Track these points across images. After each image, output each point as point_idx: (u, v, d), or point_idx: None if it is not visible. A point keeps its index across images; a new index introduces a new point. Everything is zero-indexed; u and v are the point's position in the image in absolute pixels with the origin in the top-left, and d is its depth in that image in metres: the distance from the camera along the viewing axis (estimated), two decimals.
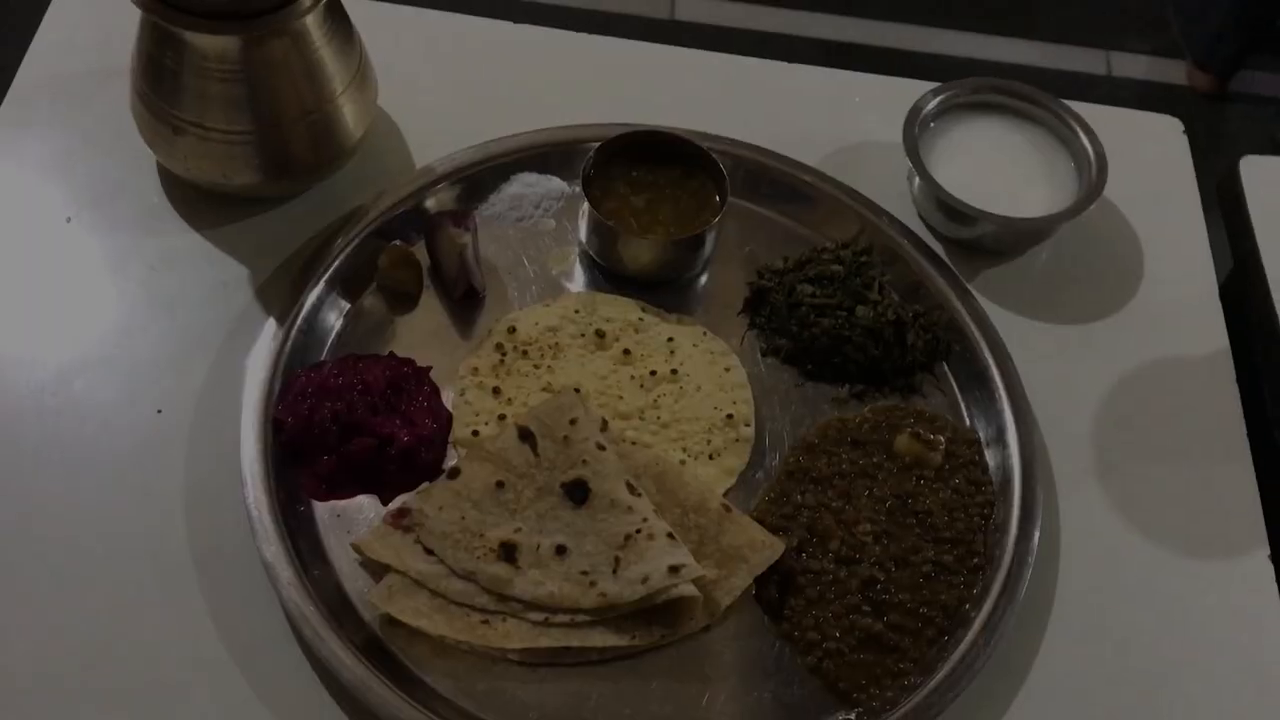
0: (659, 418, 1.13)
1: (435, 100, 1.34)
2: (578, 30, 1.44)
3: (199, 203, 1.23)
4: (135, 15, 1.10)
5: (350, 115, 1.19)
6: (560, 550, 1.02)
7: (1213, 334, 1.26)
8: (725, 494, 1.10)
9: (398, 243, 1.20)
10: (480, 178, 1.26)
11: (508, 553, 1.02)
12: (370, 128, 1.23)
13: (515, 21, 1.43)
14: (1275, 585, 1.11)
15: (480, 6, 1.48)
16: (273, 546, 1.01)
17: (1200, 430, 1.20)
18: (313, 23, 1.12)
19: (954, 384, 1.19)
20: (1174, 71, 3.04)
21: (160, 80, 1.13)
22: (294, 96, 1.14)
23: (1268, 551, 1.13)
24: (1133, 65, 3.07)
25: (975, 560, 1.07)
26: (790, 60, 1.46)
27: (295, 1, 1.08)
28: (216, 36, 1.07)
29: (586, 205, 1.19)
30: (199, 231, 1.22)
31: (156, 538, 1.05)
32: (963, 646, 1.02)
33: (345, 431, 1.06)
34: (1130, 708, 1.04)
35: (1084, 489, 1.15)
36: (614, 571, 1.00)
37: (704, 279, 1.24)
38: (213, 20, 1.06)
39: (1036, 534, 1.08)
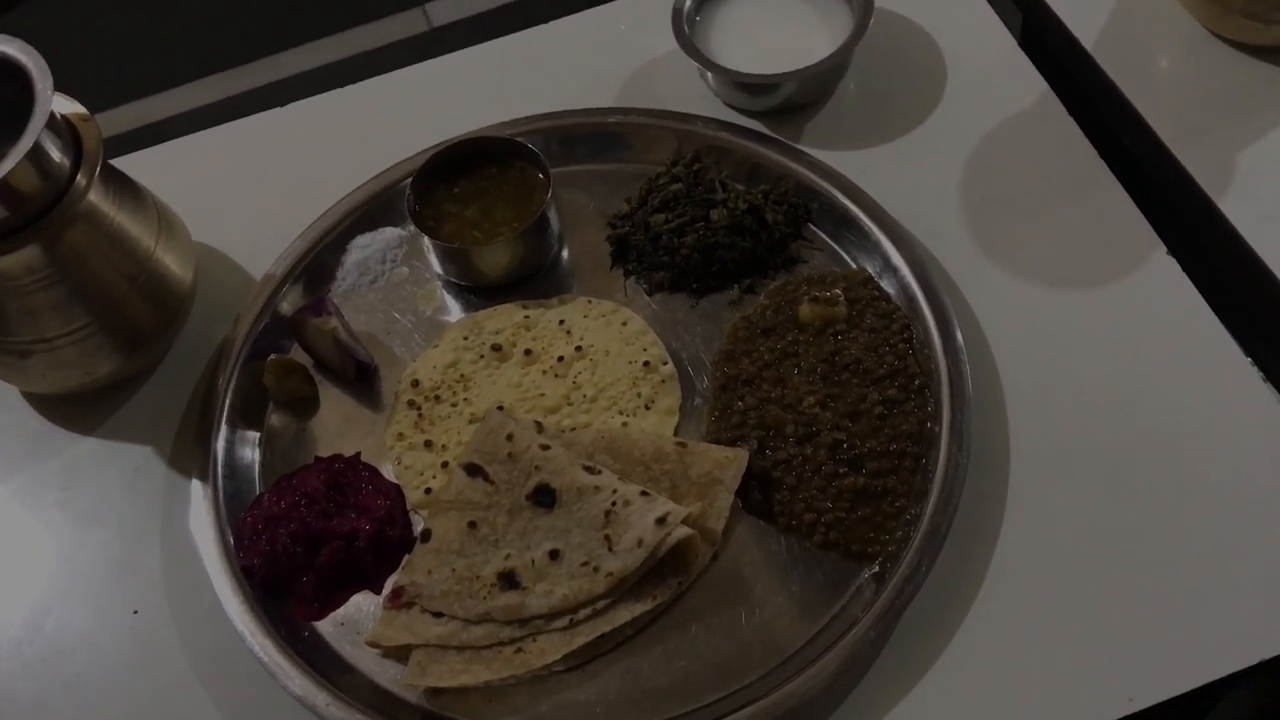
0: (585, 395, 1.15)
1: (243, 213, 1.34)
2: (351, 77, 1.44)
3: (77, 408, 1.23)
4: None
5: (174, 263, 1.20)
6: (554, 555, 1.04)
7: (1030, 83, 1.30)
8: (675, 433, 1.13)
9: (274, 356, 1.20)
10: (318, 261, 1.26)
11: (509, 580, 1.04)
12: (198, 266, 1.24)
13: (283, 104, 1.44)
14: (1184, 275, 1.15)
15: (250, 105, 1.48)
16: (297, 680, 1.02)
17: (1059, 172, 1.24)
18: (96, 197, 1.11)
19: (826, 239, 1.22)
20: None
21: None
22: (113, 272, 1.14)
23: (1164, 249, 1.17)
24: None
25: (916, 382, 1.10)
26: (556, 14, 1.47)
27: (71, 188, 1.08)
28: (12, 254, 1.06)
29: (426, 238, 1.20)
30: (90, 435, 1.22)
31: None
32: (942, 460, 1.05)
33: (310, 546, 1.07)
34: (1110, 446, 1.07)
35: (982, 272, 1.18)
36: (610, 549, 1.03)
37: (566, 254, 1.26)
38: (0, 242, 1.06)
39: (958, 333, 1.11)
